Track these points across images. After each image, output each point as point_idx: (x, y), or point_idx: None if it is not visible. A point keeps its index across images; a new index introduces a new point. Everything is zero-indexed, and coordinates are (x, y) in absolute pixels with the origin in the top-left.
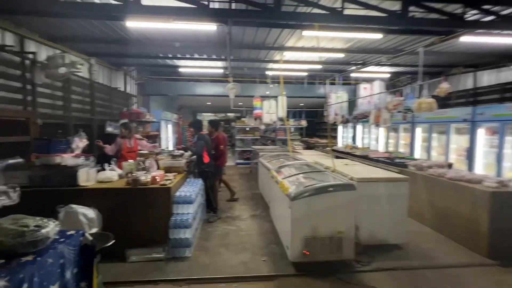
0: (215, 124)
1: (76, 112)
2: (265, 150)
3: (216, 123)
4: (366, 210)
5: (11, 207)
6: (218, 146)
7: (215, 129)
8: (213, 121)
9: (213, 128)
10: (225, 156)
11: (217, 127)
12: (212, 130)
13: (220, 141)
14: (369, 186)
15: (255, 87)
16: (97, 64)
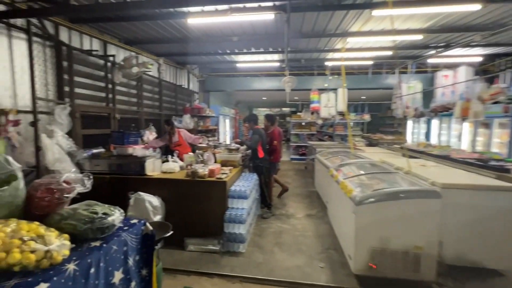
0: (271, 119)
1: (147, 108)
2: (322, 146)
3: (272, 117)
4: (454, 224)
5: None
6: (273, 141)
7: (271, 124)
8: (269, 115)
9: (269, 122)
10: (280, 152)
11: (273, 122)
12: (268, 124)
13: (276, 136)
14: (459, 194)
15: (312, 80)
16: (165, 64)
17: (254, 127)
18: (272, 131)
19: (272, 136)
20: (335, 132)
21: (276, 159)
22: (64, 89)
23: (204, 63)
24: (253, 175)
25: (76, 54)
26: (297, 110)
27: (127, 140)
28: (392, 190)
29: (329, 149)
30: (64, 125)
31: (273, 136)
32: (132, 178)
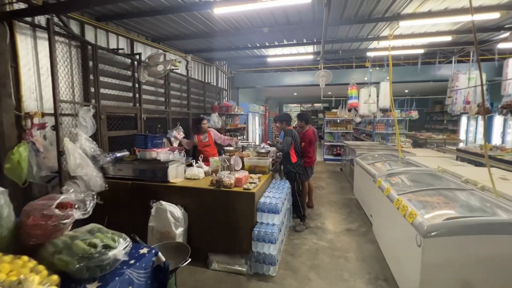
0: (306, 118)
1: (174, 107)
2: (362, 147)
3: (306, 116)
4: None
5: (117, 197)
6: (308, 143)
7: (305, 123)
8: (303, 115)
9: (303, 122)
10: (314, 154)
11: (307, 121)
12: (302, 124)
13: (311, 137)
14: None
15: (349, 73)
16: (193, 61)
17: (286, 128)
18: (306, 132)
19: (307, 138)
20: (375, 131)
21: (310, 163)
22: (90, 90)
23: (233, 59)
24: (284, 183)
25: (101, 53)
26: (330, 107)
27: (150, 143)
28: (479, 220)
29: (371, 151)
30: (88, 127)
31: (308, 138)
32: (154, 185)
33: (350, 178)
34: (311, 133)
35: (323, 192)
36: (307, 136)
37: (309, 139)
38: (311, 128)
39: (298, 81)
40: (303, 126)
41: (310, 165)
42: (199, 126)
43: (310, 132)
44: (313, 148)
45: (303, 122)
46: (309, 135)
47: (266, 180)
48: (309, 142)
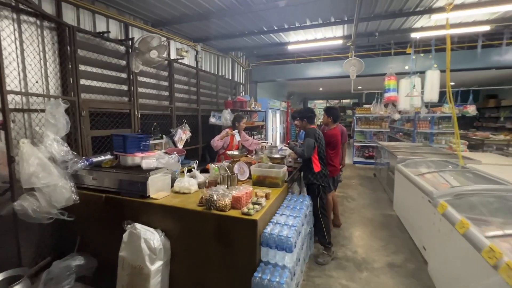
0: (335, 114)
1: (180, 103)
2: (402, 150)
3: (335, 112)
4: None
5: (89, 212)
6: (335, 145)
7: (332, 121)
8: (331, 109)
9: (330, 118)
10: (341, 159)
11: (336, 118)
12: (329, 121)
13: (339, 138)
14: None
15: (386, 61)
16: (203, 51)
17: (308, 126)
18: (333, 131)
19: (334, 139)
20: (417, 130)
21: (334, 172)
22: (70, 81)
23: (250, 48)
24: (303, 199)
25: (83, 38)
26: (360, 102)
27: (131, 146)
28: None
29: (416, 156)
30: (59, 126)
31: (335, 139)
32: (131, 201)
33: (388, 187)
34: (337, 132)
35: (353, 205)
36: (333, 137)
37: (335, 140)
38: (338, 127)
39: (324, 73)
40: (328, 124)
41: (333, 174)
42: (236, 125)
43: (336, 131)
44: (338, 152)
45: (330, 118)
46: (335, 135)
47: (278, 196)
48: (334, 144)
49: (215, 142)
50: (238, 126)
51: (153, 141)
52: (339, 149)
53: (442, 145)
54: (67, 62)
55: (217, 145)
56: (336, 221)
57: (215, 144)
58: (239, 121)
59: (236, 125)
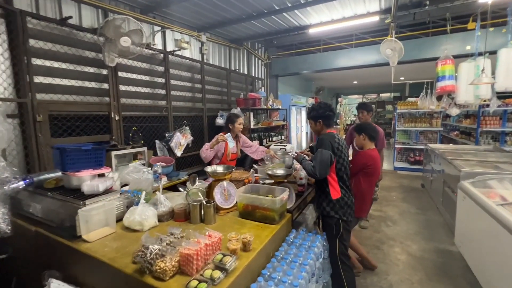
0: (367, 109)
1: (179, 102)
2: (464, 157)
3: (367, 107)
4: None
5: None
6: (372, 172)
7: (368, 139)
8: (364, 105)
9: (364, 137)
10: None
11: (372, 135)
12: (362, 141)
13: (379, 164)
14: None
15: (439, 41)
16: (210, 42)
17: (324, 130)
18: (370, 152)
19: (371, 163)
20: (481, 128)
21: (362, 213)
22: (27, 79)
23: (266, 36)
24: (315, 241)
25: (38, 25)
26: (402, 96)
27: (70, 161)
28: None
29: (486, 168)
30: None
31: (373, 163)
32: (57, 241)
33: (445, 207)
34: (376, 155)
35: (393, 232)
36: (369, 159)
37: (372, 165)
38: (352, 130)
39: (357, 61)
40: (363, 144)
41: (358, 214)
42: (231, 127)
43: (375, 153)
44: (372, 186)
45: (363, 136)
46: (372, 158)
47: (271, 239)
48: (371, 169)
49: (203, 152)
50: (233, 128)
51: (129, 150)
52: (374, 180)
53: None
54: (22, 56)
55: (207, 156)
56: (368, 261)
57: (204, 155)
58: (233, 122)
59: (230, 127)
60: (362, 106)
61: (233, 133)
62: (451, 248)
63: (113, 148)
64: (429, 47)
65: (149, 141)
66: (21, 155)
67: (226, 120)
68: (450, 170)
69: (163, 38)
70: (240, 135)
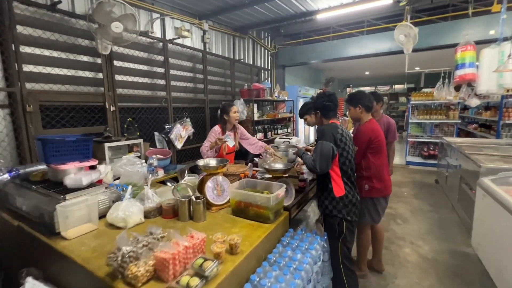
0: (361, 99)
1: (180, 93)
2: (484, 151)
3: (361, 96)
4: None
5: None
6: (379, 148)
7: (364, 110)
8: (355, 95)
9: (360, 108)
10: (390, 164)
11: (367, 105)
12: (358, 113)
13: (383, 135)
14: None
15: (459, 26)
16: (213, 30)
17: (324, 122)
18: (369, 125)
19: (375, 137)
20: (504, 121)
21: (384, 190)
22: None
23: (272, 24)
24: (313, 242)
25: (26, 10)
26: (417, 86)
27: (52, 153)
28: None
29: (509, 164)
30: None
31: (376, 136)
32: (36, 237)
33: (461, 205)
34: (376, 126)
35: (404, 231)
36: (372, 133)
37: (377, 139)
38: (384, 119)
39: (369, 49)
40: (360, 117)
41: (383, 194)
42: (226, 118)
43: (374, 124)
44: (385, 158)
45: (359, 108)
46: (373, 130)
47: (264, 239)
48: (377, 145)
49: (204, 153)
50: (229, 118)
51: (123, 142)
52: (384, 152)
53: None
54: (9, 44)
55: (208, 156)
56: (375, 263)
57: (206, 157)
58: (228, 112)
59: (226, 118)
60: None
61: (230, 124)
62: (467, 250)
63: (106, 140)
64: (448, 33)
65: (148, 133)
66: (12, 146)
67: (220, 111)
68: (468, 165)
69: (162, 25)
70: (237, 125)
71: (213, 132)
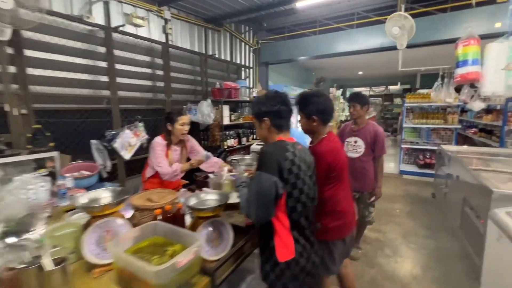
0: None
1: (132, 92)
2: (490, 166)
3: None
4: None
5: None
6: (338, 176)
7: (320, 122)
8: (357, 96)
9: (316, 119)
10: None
11: (324, 115)
12: (314, 126)
13: (343, 160)
14: None
15: (460, 18)
16: (177, 19)
17: (272, 136)
18: (325, 145)
19: (332, 161)
20: (510, 127)
21: (341, 231)
22: None
23: (247, 13)
24: None
25: None
26: (413, 88)
27: None
28: None
29: None
30: None
31: (334, 160)
32: None
33: (464, 233)
34: (337, 147)
35: (393, 267)
36: (328, 157)
37: (334, 163)
38: (370, 126)
39: (359, 45)
40: (315, 131)
41: (341, 235)
42: (170, 128)
43: (333, 144)
44: (344, 188)
45: (315, 119)
46: (334, 152)
47: None
48: (337, 172)
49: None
50: (173, 130)
51: (22, 157)
52: (345, 179)
53: None
54: None
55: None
56: None
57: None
58: (172, 122)
59: (169, 128)
60: (354, 98)
61: (175, 137)
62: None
63: None
64: (448, 26)
65: (81, 142)
66: None
67: (165, 118)
68: (474, 185)
69: (106, 10)
70: (187, 138)
71: (158, 146)
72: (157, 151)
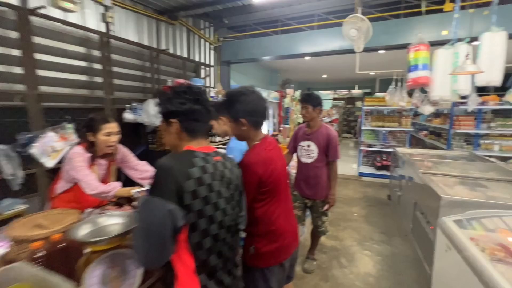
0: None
1: (55, 87)
2: (438, 169)
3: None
4: None
5: None
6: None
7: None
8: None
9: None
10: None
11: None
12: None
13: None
14: None
15: (412, 25)
16: (121, 8)
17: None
18: (253, 157)
19: (268, 177)
20: (454, 129)
21: (283, 255)
22: None
23: (203, 5)
24: None
25: None
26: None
27: None
28: None
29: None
30: None
31: (270, 176)
32: None
33: (415, 238)
34: (270, 156)
35: (348, 279)
36: (257, 172)
37: (271, 177)
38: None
39: (319, 47)
40: (242, 133)
41: (278, 260)
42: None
43: (266, 154)
44: (281, 204)
45: (241, 121)
46: (267, 163)
47: None
48: (273, 187)
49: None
50: (96, 141)
51: None
52: (283, 193)
53: (494, 152)
54: None
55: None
56: None
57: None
58: (96, 130)
59: (91, 139)
60: (306, 99)
61: (99, 149)
62: None
63: None
64: (400, 31)
65: None
66: None
67: (84, 126)
68: (423, 190)
69: None
70: (117, 150)
71: (78, 156)
72: (76, 162)
